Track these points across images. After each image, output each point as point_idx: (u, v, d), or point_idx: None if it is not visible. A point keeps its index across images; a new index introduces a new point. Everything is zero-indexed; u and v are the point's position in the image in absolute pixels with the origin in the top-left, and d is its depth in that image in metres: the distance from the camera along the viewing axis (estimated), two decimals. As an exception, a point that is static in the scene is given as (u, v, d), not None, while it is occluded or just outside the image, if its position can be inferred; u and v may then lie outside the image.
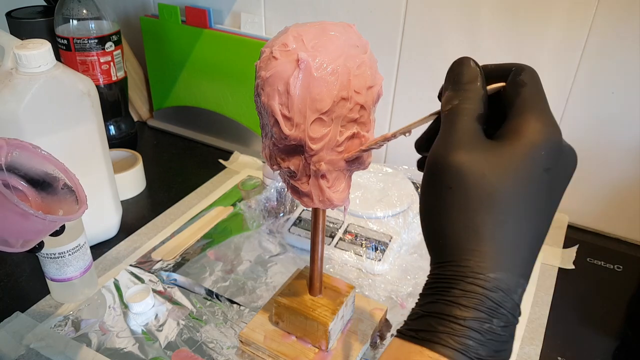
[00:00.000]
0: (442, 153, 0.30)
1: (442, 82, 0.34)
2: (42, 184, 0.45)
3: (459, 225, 0.29)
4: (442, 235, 0.30)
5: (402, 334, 0.30)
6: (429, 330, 0.29)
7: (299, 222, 0.76)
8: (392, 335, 0.60)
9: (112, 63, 0.87)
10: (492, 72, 0.32)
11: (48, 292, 0.64)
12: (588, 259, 0.73)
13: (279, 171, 0.47)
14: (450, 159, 0.29)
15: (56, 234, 0.45)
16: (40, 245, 0.46)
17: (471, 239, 0.28)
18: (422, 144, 0.37)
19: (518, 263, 0.29)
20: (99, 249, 0.72)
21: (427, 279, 0.31)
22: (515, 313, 0.29)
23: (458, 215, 0.29)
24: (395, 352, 0.30)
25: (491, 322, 0.28)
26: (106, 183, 0.71)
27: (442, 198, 0.29)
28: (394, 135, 0.38)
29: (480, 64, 0.32)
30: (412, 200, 0.77)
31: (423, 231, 0.32)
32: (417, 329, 0.29)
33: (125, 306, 0.63)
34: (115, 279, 0.67)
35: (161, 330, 0.60)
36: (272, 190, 0.79)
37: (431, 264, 0.31)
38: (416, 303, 0.31)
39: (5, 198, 0.38)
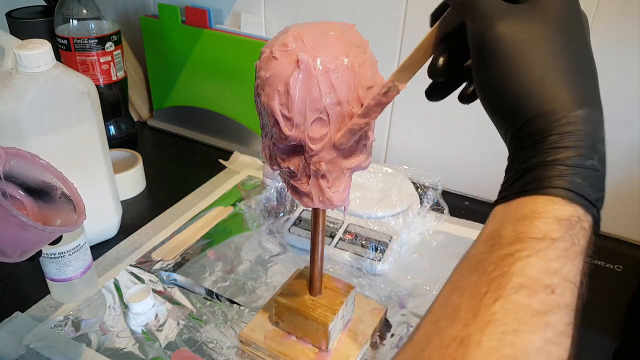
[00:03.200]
0: (481, 30, 0.30)
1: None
2: (39, 192, 0.45)
3: (528, 81, 0.29)
4: (515, 97, 0.30)
5: (505, 199, 0.30)
6: (536, 180, 0.28)
7: (299, 222, 0.76)
8: (392, 335, 0.60)
9: (112, 63, 0.87)
10: None
11: (48, 292, 0.64)
12: (588, 259, 0.73)
13: (279, 171, 0.47)
14: (491, 34, 0.30)
15: (54, 243, 0.45)
16: (38, 253, 0.45)
17: (546, 88, 0.29)
18: (441, 71, 0.35)
19: (593, 97, 0.30)
20: (99, 249, 0.72)
21: (509, 157, 0.31)
22: (604, 148, 0.29)
23: (524, 72, 0.29)
24: (500, 217, 0.29)
25: (592, 158, 0.28)
26: (106, 183, 0.71)
27: (500, 68, 0.30)
28: (393, 82, 0.37)
29: None
30: (412, 201, 0.77)
31: (488, 110, 0.32)
32: (523, 184, 0.29)
33: (125, 306, 0.63)
34: (115, 279, 0.67)
35: (161, 330, 0.60)
36: (272, 190, 0.79)
37: (508, 140, 0.31)
38: (503, 182, 0.31)
39: (3, 209, 0.37)
